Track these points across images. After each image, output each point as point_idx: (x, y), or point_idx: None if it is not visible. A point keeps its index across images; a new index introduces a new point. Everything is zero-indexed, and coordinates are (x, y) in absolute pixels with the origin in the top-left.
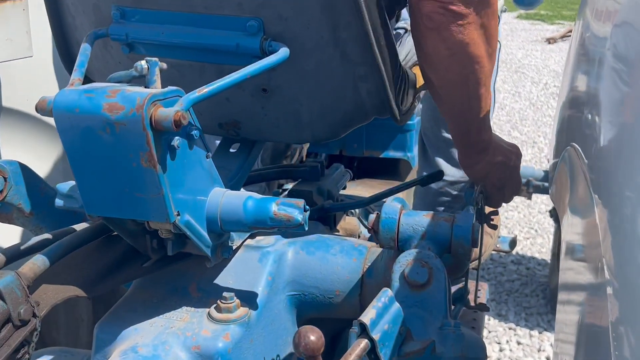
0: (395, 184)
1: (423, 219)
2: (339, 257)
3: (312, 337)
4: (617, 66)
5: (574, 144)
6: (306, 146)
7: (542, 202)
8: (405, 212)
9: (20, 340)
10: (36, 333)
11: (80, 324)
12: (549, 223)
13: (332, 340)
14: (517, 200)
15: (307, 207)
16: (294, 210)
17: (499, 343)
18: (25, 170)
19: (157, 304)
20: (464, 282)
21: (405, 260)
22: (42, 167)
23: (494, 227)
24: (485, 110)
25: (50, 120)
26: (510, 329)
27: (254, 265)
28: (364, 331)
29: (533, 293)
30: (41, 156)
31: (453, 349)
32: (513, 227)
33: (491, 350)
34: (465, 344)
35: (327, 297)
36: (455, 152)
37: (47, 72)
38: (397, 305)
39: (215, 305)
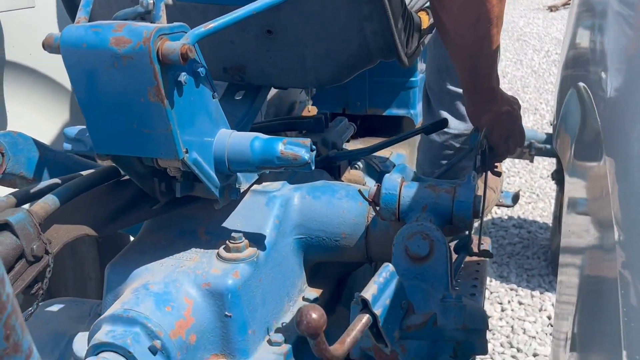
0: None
1: (424, 190)
2: (344, 201)
3: (314, 315)
4: (623, 11)
5: (580, 83)
6: (310, 104)
7: (544, 168)
8: (406, 184)
9: (33, 275)
10: (49, 269)
11: (87, 281)
12: (551, 187)
13: (337, 285)
14: (519, 165)
15: (314, 146)
16: (301, 149)
17: (500, 304)
18: (21, 139)
19: (166, 246)
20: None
21: (406, 233)
22: (45, 121)
23: (498, 174)
24: (495, 55)
25: (54, 74)
26: (511, 289)
27: (261, 208)
28: (365, 307)
29: (534, 255)
30: (45, 110)
31: (455, 321)
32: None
33: (493, 311)
34: (467, 316)
35: (333, 239)
36: (459, 105)
37: (50, 24)
38: (398, 279)
39: (224, 245)
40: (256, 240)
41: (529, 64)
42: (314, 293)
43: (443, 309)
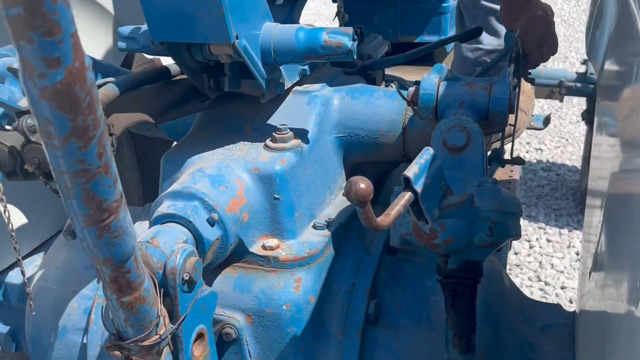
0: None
1: (461, 88)
2: (382, 100)
3: (362, 185)
4: None
5: None
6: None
7: (573, 114)
8: (444, 84)
9: None
10: (113, 149)
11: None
12: (580, 132)
13: (375, 186)
14: (548, 111)
15: (356, 36)
16: (344, 37)
17: (529, 241)
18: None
19: (216, 140)
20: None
21: (444, 127)
22: (90, 44)
23: (532, 80)
24: None
25: None
26: (540, 228)
27: (303, 107)
28: (408, 185)
29: (563, 197)
30: (90, 34)
31: (490, 203)
32: (543, 137)
33: (521, 247)
34: (502, 199)
35: (372, 137)
36: (492, 21)
37: None
38: (438, 162)
39: (270, 137)
40: (300, 134)
41: (559, 14)
42: None
43: (480, 192)
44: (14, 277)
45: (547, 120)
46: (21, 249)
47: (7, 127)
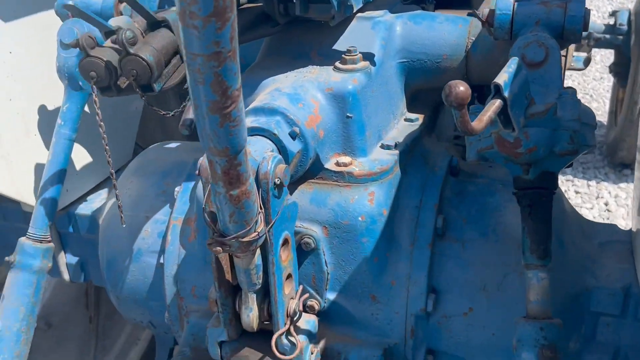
0: None
1: (536, 7)
2: (445, 24)
3: (462, 88)
4: None
5: None
6: None
7: (597, 70)
8: (519, 3)
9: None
10: None
11: None
12: (603, 88)
13: (433, 112)
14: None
15: None
16: None
17: None
18: None
19: (284, 65)
20: None
21: (522, 43)
22: None
23: None
24: None
25: None
26: (567, 180)
27: (368, 32)
28: (498, 92)
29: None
30: None
31: (571, 113)
32: None
33: None
34: (581, 110)
35: (434, 61)
36: None
37: None
38: (524, 72)
39: (339, 60)
40: (367, 57)
41: None
42: (414, 115)
43: (561, 102)
44: (83, 208)
45: (587, 61)
46: (87, 184)
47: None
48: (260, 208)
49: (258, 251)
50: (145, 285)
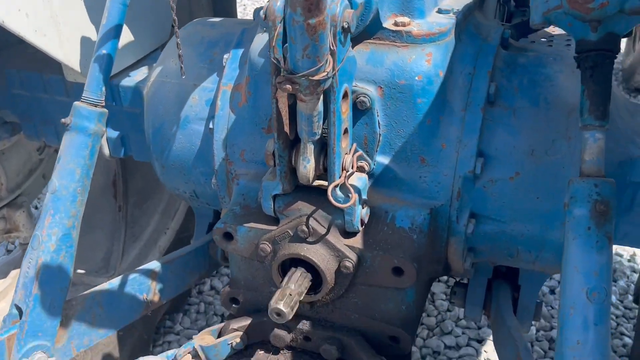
0: None
1: None
2: None
3: None
4: None
5: None
6: None
7: None
8: None
9: None
10: None
11: None
12: None
13: None
14: None
15: None
16: None
17: None
18: None
19: None
20: None
21: None
22: None
23: None
24: None
25: None
26: None
27: None
28: None
29: None
30: None
31: None
32: None
33: None
34: None
35: None
36: None
37: None
38: None
39: None
40: None
41: None
42: None
43: None
44: (127, 80)
45: None
46: (129, 59)
47: None
48: (333, 45)
49: (321, 99)
50: (192, 153)
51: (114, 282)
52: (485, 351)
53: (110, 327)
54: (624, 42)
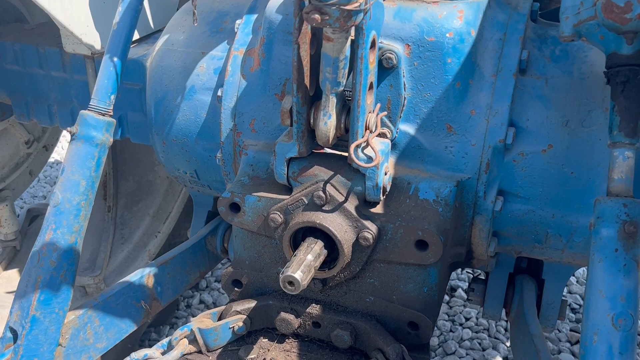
0: None
1: None
2: None
3: None
4: None
5: None
6: None
7: None
8: None
9: None
10: None
11: None
12: None
13: None
14: None
15: None
16: None
17: None
18: None
19: None
20: None
21: None
22: None
23: None
24: None
25: None
26: None
27: None
28: None
29: None
30: None
31: None
32: None
33: None
34: None
35: None
36: None
37: None
38: None
39: None
40: None
41: None
42: None
43: None
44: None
45: None
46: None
47: None
48: None
49: (348, 42)
50: (196, 126)
51: (106, 293)
52: None
53: (110, 340)
54: None
